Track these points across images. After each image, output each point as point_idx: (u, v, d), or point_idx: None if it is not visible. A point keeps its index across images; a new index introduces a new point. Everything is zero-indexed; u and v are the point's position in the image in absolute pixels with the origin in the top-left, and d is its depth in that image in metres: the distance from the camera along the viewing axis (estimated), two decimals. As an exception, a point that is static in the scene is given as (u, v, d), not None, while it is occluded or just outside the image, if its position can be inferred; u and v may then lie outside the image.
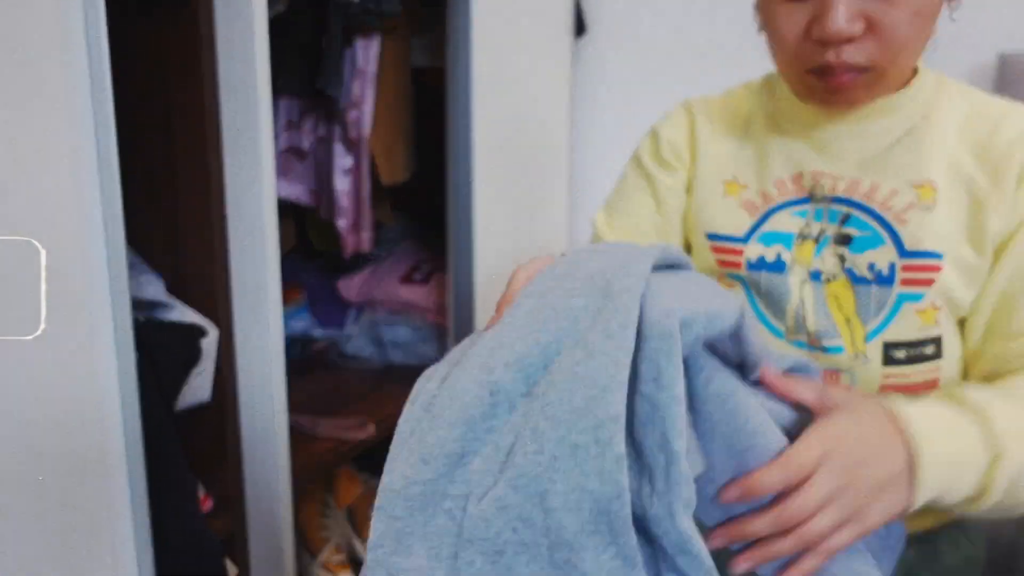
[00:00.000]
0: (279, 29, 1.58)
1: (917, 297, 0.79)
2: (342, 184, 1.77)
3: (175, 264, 1.29)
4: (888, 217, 0.80)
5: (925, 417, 0.65)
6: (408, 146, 1.89)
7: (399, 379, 1.95)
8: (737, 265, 0.85)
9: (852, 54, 0.74)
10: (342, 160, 1.76)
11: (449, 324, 1.89)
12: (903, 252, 0.80)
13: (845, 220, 0.82)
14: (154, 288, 1.26)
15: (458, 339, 1.88)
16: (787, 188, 0.85)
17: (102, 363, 1.08)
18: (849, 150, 0.83)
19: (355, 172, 1.77)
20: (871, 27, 0.74)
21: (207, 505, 1.35)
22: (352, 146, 1.75)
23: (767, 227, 0.85)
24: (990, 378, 0.78)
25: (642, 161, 0.94)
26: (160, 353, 1.19)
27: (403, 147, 1.87)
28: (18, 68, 0.95)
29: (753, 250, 0.85)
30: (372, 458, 2.01)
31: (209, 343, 1.27)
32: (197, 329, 1.26)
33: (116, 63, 1.03)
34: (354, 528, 1.90)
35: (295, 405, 1.75)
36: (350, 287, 2.09)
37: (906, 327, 0.80)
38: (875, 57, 0.75)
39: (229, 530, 1.37)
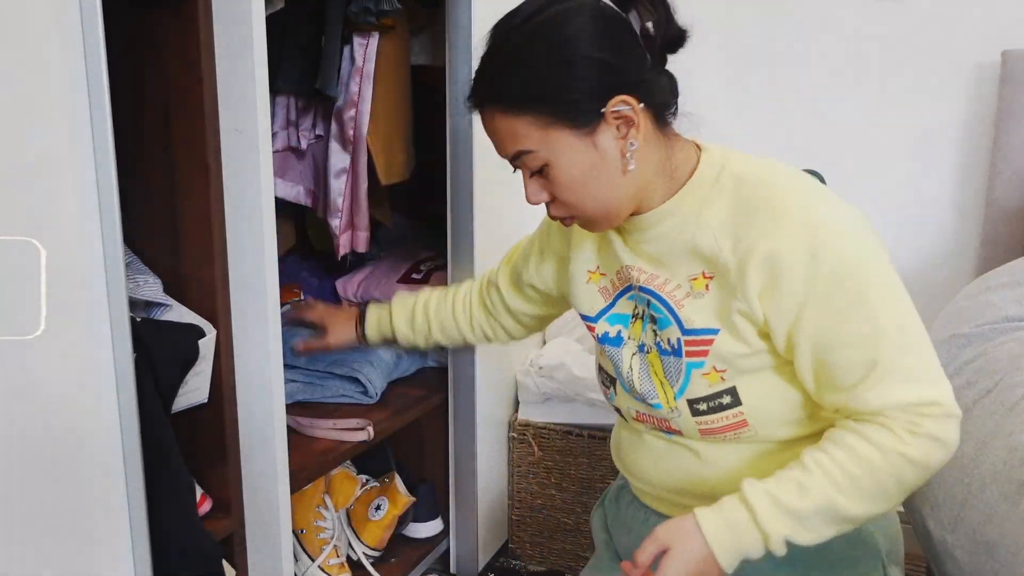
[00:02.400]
0: (277, 28, 1.57)
1: (700, 364, 0.98)
2: (337, 183, 1.76)
3: (173, 264, 1.28)
4: (671, 303, 0.99)
5: (715, 524, 0.91)
6: (407, 146, 1.89)
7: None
8: (595, 337, 1.09)
9: (554, 211, 1.00)
10: (338, 159, 1.75)
11: (448, 324, 1.89)
12: (684, 331, 0.99)
13: (649, 304, 1.02)
14: (152, 288, 1.26)
15: (457, 339, 1.88)
16: (624, 276, 1.05)
17: (100, 363, 1.07)
18: (646, 251, 1.02)
19: (351, 171, 1.76)
20: (554, 198, 0.97)
21: (205, 506, 1.34)
22: (349, 145, 1.75)
23: (614, 310, 1.07)
24: (841, 412, 0.96)
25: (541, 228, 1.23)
26: (158, 353, 1.18)
27: (402, 147, 1.87)
28: (15, 68, 0.94)
29: (601, 327, 1.08)
30: (370, 460, 2.01)
31: (207, 343, 1.26)
32: (195, 329, 1.25)
33: (114, 62, 1.03)
34: (352, 529, 1.90)
35: (293, 406, 1.75)
36: (349, 287, 2.09)
37: (698, 387, 0.99)
38: (571, 211, 0.98)
39: (227, 531, 1.36)
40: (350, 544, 1.90)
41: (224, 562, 1.32)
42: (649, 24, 0.92)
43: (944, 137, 2.14)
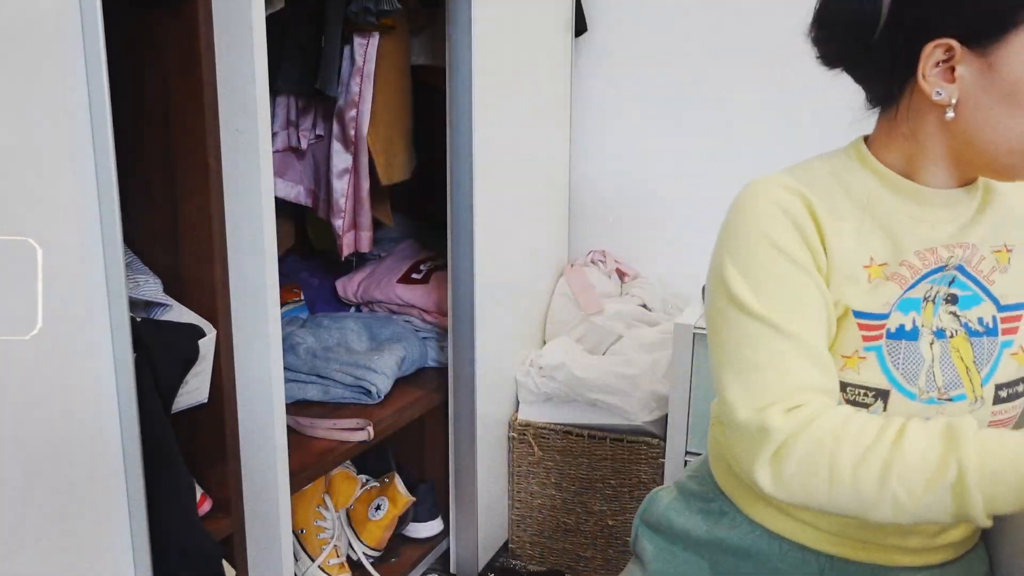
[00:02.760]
0: (277, 28, 1.57)
1: (1010, 343, 0.89)
2: (340, 184, 1.76)
3: (173, 264, 1.28)
4: (980, 278, 0.89)
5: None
6: (408, 146, 1.89)
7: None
8: (878, 337, 0.88)
9: None
10: (340, 159, 1.75)
11: (449, 324, 1.89)
12: (1000, 307, 0.90)
13: (952, 282, 0.89)
14: (152, 288, 1.26)
15: (457, 339, 1.88)
16: (927, 258, 0.89)
17: (99, 363, 1.07)
18: (947, 222, 0.90)
19: (353, 171, 1.76)
20: None
21: (205, 506, 1.34)
22: (350, 145, 1.75)
23: (910, 294, 0.89)
24: None
25: (790, 253, 0.87)
26: (158, 353, 1.18)
27: (403, 147, 1.87)
28: (16, 68, 0.94)
29: (895, 320, 0.88)
30: (370, 460, 2.01)
31: (207, 343, 1.26)
32: (195, 329, 1.25)
33: (114, 62, 1.03)
34: (352, 529, 1.90)
35: (293, 406, 1.75)
36: (349, 287, 2.09)
37: (1008, 369, 0.89)
38: None
39: (227, 531, 1.36)
40: (350, 544, 1.90)
41: (224, 562, 1.32)
42: None
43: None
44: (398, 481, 1.92)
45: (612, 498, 1.99)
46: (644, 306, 2.12)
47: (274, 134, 1.77)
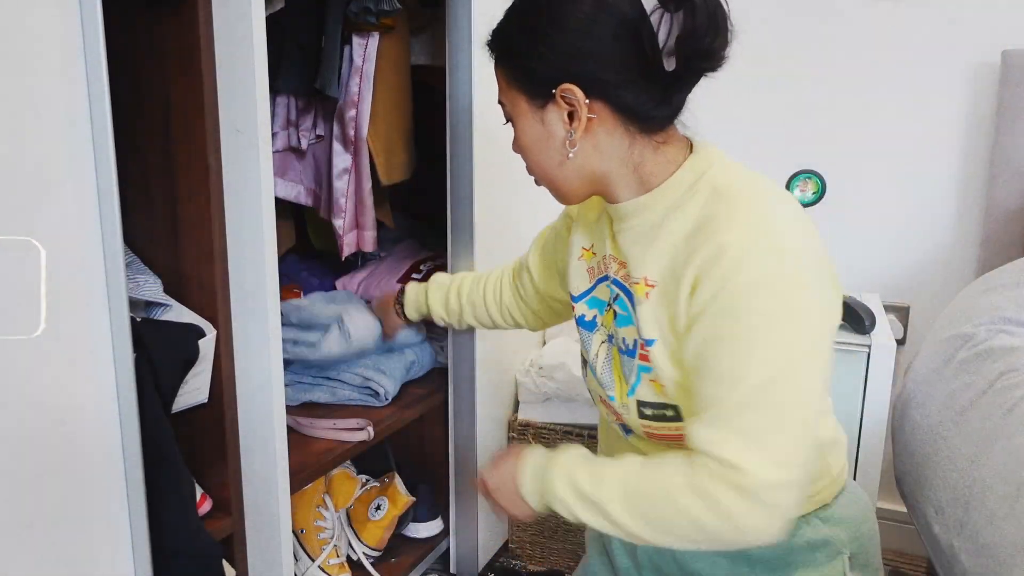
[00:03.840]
0: (277, 28, 1.57)
1: (648, 369, 0.96)
2: (340, 184, 1.76)
3: (173, 264, 1.28)
4: (634, 302, 0.97)
5: (533, 459, 1.00)
6: (408, 146, 1.89)
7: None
8: (574, 317, 1.09)
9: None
10: (340, 159, 1.75)
11: (448, 324, 1.89)
12: (639, 332, 0.97)
13: (616, 300, 1.01)
14: (152, 288, 1.26)
15: (457, 339, 1.88)
16: (607, 264, 1.04)
17: (99, 363, 1.07)
18: (620, 243, 1.00)
19: (353, 171, 1.76)
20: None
21: (205, 506, 1.34)
22: (349, 145, 1.75)
23: (594, 293, 1.07)
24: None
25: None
26: (158, 353, 1.18)
27: (403, 147, 1.87)
28: (15, 68, 0.94)
29: (580, 309, 1.08)
30: (370, 460, 2.01)
31: (207, 343, 1.26)
32: (195, 329, 1.25)
33: (114, 62, 1.03)
34: (352, 529, 1.90)
35: (293, 405, 1.75)
36: (349, 287, 2.09)
37: (647, 392, 0.97)
38: (529, 171, 1.04)
39: (227, 531, 1.36)
40: (350, 544, 1.90)
41: (224, 562, 1.32)
42: (672, 34, 0.87)
43: (944, 137, 2.14)
44: (398, 481, 1.92)
45: (612, 498, 1.99)
46: (644, 306, 2.12)
47: (274, 134, 1.77)
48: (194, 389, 1.27)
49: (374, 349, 1.78)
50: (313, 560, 1.77)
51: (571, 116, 0.93)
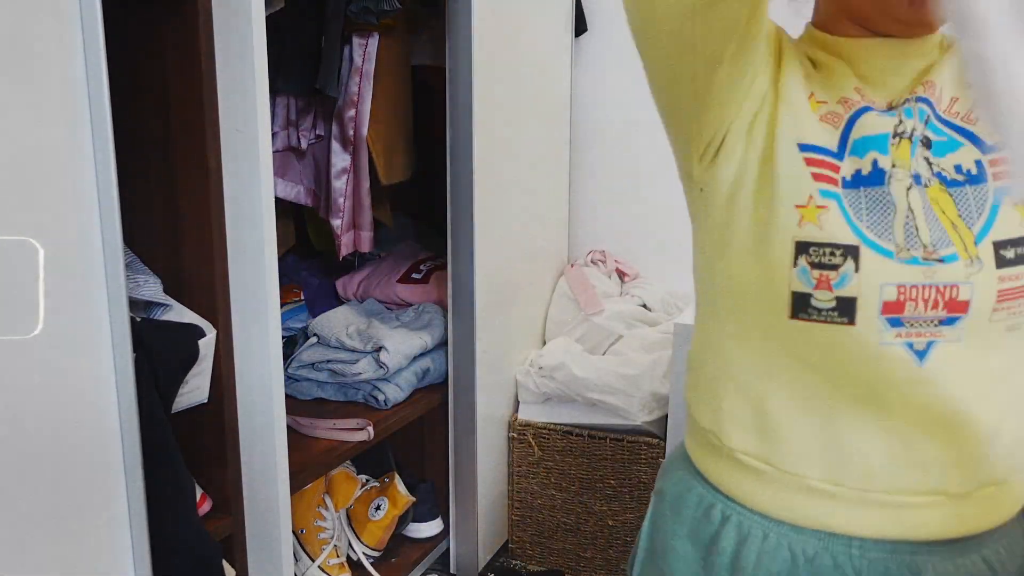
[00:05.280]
0: (277, 27, 1.57)
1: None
2: (339, 184, 1.76)
3: (173, 264, 1.28)
4: (956, 121, 0.78)
5: None
6: (408, 146, 1.89)
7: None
8: (834, 181, 0.76)
9: None
10: (339, 159, 1.75)
11: (449, 324, 1.89)
12: (985, 148, 0.76)
13: (927, 122, 0.77)
14: (152, 288, 1.26)
15: (457, 338, 1.88)
16: (866, 94, 0.79)
17: (100, 363, 1.07)
18: (903, 72, 0.79)
19: (352, 171, 1.76)
20: None
21: (205, 506, 1.34)
22: (348, 145, 1.75)
23: (855, 134, 0.77)
24: None
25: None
26: (158, 353, 1.18)
27: (403, 147, 1.87)
28: (14, 67, 0.94)
29: (849, 165, 0.76)
30: (370, 460, 2.01)
31: (207, 343, 1.26)
32: (195, 329, 1.25)
33: (114, 62, 1.02)
34: (352, 529, 1.90)
35: (293, 406, 1.75)
36: (349, 287, 2.09)
37: (1009, 223, 0.75)
38: None
39: (227, 531, 1.36)
40: (350, 544, 1.90)
41: (224, 562, 1.32)
42: None
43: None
44: (398, 481, 1.92)
45: (612, 498, 1.99)
46: (644, 306, 2.12)
47: (274, 134, 1.77)
48: (194, 389, 1.27)
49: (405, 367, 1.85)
50: (313, 560, 1.77)
51: None
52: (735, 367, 0.80)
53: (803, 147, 0.76)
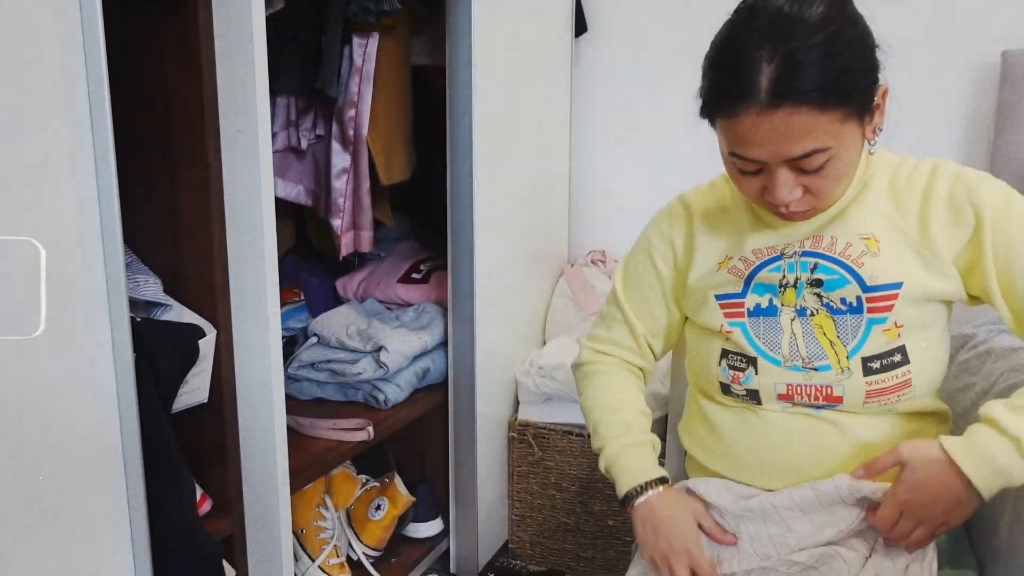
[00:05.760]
0: (277, 28, 1.57)
1: (882, 320, 1.02)
2: (339, 184, 1.76)
3: (173, 264, 1.28)
4: (848, 262, 1.03)
5: (961, 446, 0.95)
6: (408, 146, 1.89)
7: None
8: (740, 315, 1.09)
9: (797, 206, 1.00)
10: (339, 159, 1.75)
11: (449, 324, 1.89)
12: (865, 287, 1.02)
13: (815, 268, 1.05)
14: (152, 288, 1.26)
15: (457, 338, 1.88)
16: (762, 253, 1.08)
17: (99, 363, 1.07)
18: (799, 228, 1.07)
19: (352, 171, 1.76)
20: (807, 191, 0.98)
21: (205, 506, 1.34)
22: (348, 145, 1.75)
23: (756, 279, 1.08)
24: None
25: (650, 250, 1.20)
26: (158, 353, 1.18)
27: (403, 147, 1.87)
28: (15, 68, 0.94)
29: (751, 300, 1.08)
30: (370, 460, 2.01)
31: (207, 343, 1.26)
32: (195, 329, 1.25)
33: (114, 62, 1.03)
34: (352, 529, 1.90)
35: (293, 406, 1.75)
36: (349, 287, 2.09)
37: (877, 344, 1.02)
38: (815, 205, 1.01)
39: (227, 531, 1.36)
40: (350, 544, 1.90)
41: (224, 562, 1.32)
42: None
43: (943, 137, 2.14)
44: (398, 481, 1.92)
45: (612, 498, 1.99)
46: (644, 306, 2.12)
47: (274, 134, 1.77)
48: (194, 389, 1.27)
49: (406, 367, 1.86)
50: (313, 560, 1.77)
51: (874, 115, 1.00)
52: (698, 415, 1.18)
53: (718, 296, 1.11)
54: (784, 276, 1.06)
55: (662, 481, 1.13)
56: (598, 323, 1.26)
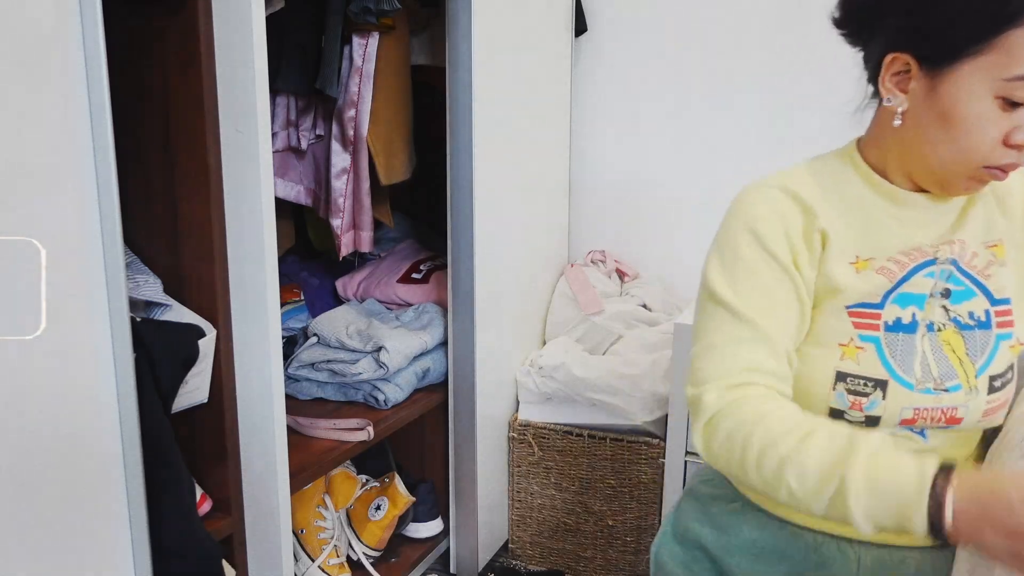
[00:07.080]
0: (277, 28, 1.57)
1: (1008, 336, 0.94)
2: (339, 184, 1.76)
3: (173, 264, 1.28)
4: (974, 273, 0.94)
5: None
6: (408, 146, 1.89)
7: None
8: (875, 328, 0.92)
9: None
10: (339, 159, 1.75)
11: (449, 324, 1.89)
12: (993, 301, 0.94)
13: (949, 277, 0.94)
14: (152, 288, 1.26)
15: (457, 338, 1.88)
16: (914, 256, 0.94)
17: (100, 363, 1.07)
18: (927, 224, 0.94)
19: (352, 171, 1.76)
20: None
21: (205, 506, 1.34)
22: (348, 145, 1.75)
23: (903, 289, 0.93)
24: None
25: (764, 244, 0.92)
26: (158, 353, 1.18)
27: (403, 147, 1.87)
28: (15, 68, 0.94)
29: (891, 312, 0.92)
30: (370, 460, 2.01)
31: (207, 343, 1.26)
32: (195, 329, 1.25)
33: (114, 62, 1.03)
34: (352, 529, 1.90)
35: (293, 406, 1.75)
36: (349, 286, 2.09)
37: (1002, 361, 0.94)
38: None
39: (227, 531, 1.36)
40: (350, 544, 1.90)
41: (224, 562, 1.32)
42: None
43: None
44: (398, 481, 1.92)
45: (612, 498, 1.99)
46: (644, 306, 2.12)
47: (274, 134, 1.77)
48: (194, 389, 1.27)
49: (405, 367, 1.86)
50: (313, 560, 1.77)
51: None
52: None
53: (849, 307, 0.92)
54: (936, 284, 0.93)
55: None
56: (706, 356, 0.91)
